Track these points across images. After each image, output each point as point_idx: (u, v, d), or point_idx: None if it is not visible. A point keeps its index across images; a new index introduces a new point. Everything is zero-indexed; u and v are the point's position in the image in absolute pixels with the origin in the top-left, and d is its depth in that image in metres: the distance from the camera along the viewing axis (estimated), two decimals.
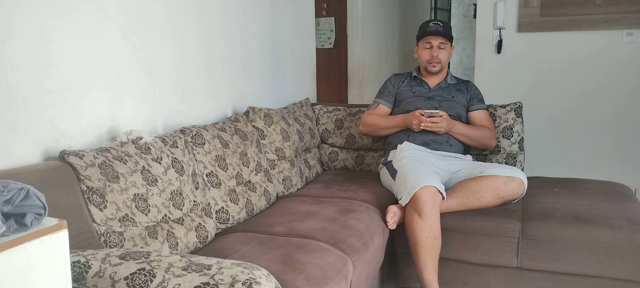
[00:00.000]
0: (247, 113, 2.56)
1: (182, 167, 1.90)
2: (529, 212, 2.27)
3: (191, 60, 2.31)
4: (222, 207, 2.10)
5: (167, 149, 1.87)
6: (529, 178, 2.45)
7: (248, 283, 1.19)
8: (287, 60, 3.20)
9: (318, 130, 3.06)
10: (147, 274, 1.22)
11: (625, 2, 3.24)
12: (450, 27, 2.76)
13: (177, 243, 1.78)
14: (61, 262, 1.06)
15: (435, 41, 2.65)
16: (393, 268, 2.49)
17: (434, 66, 2.67)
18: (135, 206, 1.67)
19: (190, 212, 1.90)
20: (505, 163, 2.68)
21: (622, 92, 3.36)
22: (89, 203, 1.57)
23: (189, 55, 2.30)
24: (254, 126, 2.51)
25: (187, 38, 2.28)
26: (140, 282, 1.21)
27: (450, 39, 2.68)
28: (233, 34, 2.61)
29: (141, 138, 1.82)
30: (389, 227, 2.25)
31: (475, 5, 4.79)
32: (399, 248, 2.36)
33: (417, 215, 2.16)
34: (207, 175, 2.08)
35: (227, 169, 2.17)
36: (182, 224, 1.83)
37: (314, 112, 3.11)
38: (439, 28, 2.65)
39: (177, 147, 1.92)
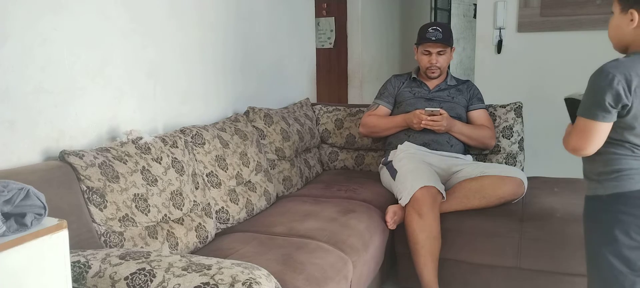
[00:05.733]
0: (247, 113, 2.56)
1: (182, 167, 1.90)
2: (529, 212, 2.27)
3: (191, 60, 2.31)
4: (222, 207, 2.10)
5: (167, 149, 1.87)
6: (529, 178, 2.45)
7: (248, 283, 1.19)
8: (287, 60, 3.20)
9: (318, 130, 3.05)
10: (147, 274, 1.22)
11: None
12: (450, 30, 2.70)
13: (177, 243, 1.78)
14: (61, 262, 1.06)
15: (434, 49, 2.61)
16: (393, 268, 2.49)
17: (433, 72, 2.66)
18: (135, 206, 1.67)
19: (190, 212, 1.90)
20: (505, 163, 2.68)
21: None
22: (89, 203, 1.57)
23: (189, 55, 2.30)
24: (254, 126, 2.51)
25: (188, 38, 2.28)
26: (140, 282, 1.21)
27: (449, 44, 2.63)
28: (233, 34, 2.61)
29: (141, 138, 1.82)
30: (389, 227, 2.26)
31: (475, 5, 4.79)
32: (399, 248, 2.35)
33: (416, 215, 2.16)
34: (207, 175, 2.08)
35: (227, 169, 2.17)
36: (182, 224, 1.83)
37: (314, 112, 3.11)
38: (438, 34, 2.58)
39: (177, 147, 1.92)
